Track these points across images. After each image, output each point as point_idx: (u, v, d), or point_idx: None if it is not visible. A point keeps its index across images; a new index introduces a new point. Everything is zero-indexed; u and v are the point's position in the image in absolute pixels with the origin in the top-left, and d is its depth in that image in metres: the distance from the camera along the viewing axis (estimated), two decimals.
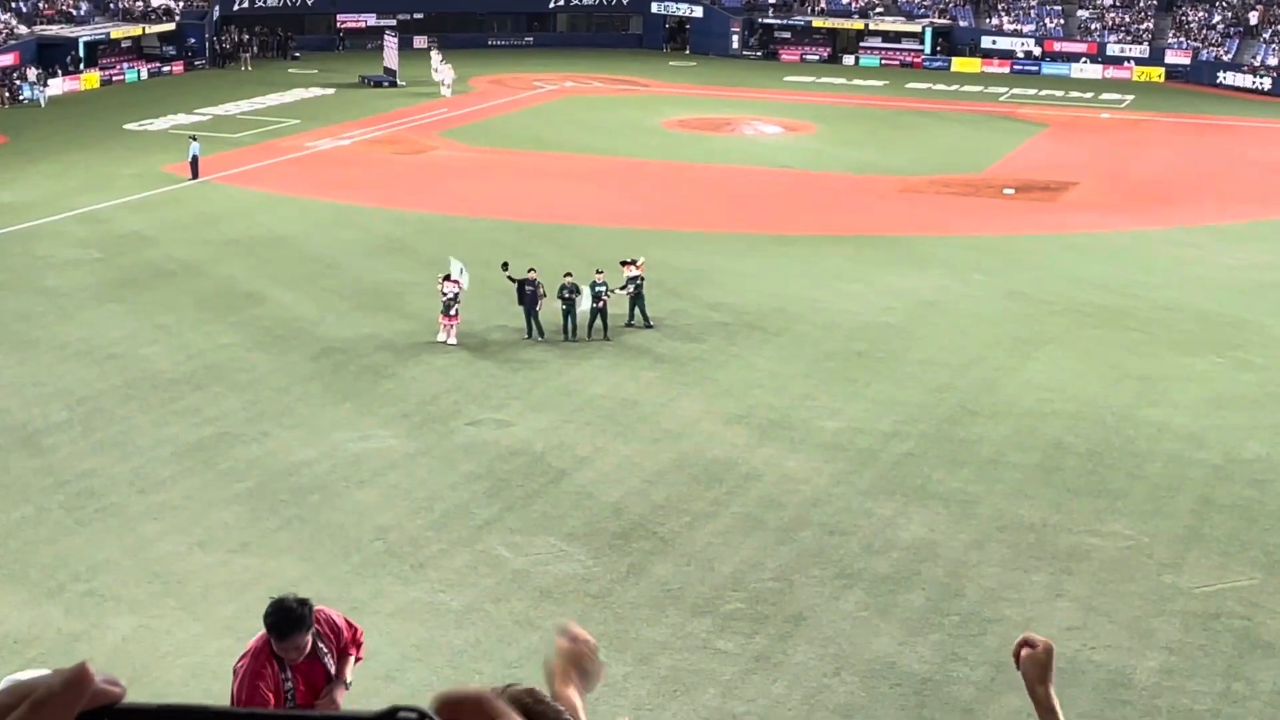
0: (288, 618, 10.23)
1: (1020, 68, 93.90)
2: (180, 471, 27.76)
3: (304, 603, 10.32)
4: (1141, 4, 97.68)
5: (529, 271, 36.52)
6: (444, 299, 35.79)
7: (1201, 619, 22.67)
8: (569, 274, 36.86)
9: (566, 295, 36.38)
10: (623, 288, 37.26)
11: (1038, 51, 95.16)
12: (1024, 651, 4.74)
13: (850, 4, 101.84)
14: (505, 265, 36.93)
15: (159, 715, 1.43)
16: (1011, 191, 56.99)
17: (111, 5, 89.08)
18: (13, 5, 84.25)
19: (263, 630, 10.44)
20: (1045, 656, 4.71)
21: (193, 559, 24.09)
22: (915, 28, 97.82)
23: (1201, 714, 20.06)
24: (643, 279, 37.48)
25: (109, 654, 20.80)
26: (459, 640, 21.59)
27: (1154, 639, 22.01)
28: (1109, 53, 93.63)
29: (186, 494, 26.71)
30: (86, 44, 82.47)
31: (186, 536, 24.91)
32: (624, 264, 37.75)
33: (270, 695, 10.18)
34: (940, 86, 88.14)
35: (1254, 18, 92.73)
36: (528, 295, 36.28)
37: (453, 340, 35.58)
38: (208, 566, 23.81)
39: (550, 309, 36.47)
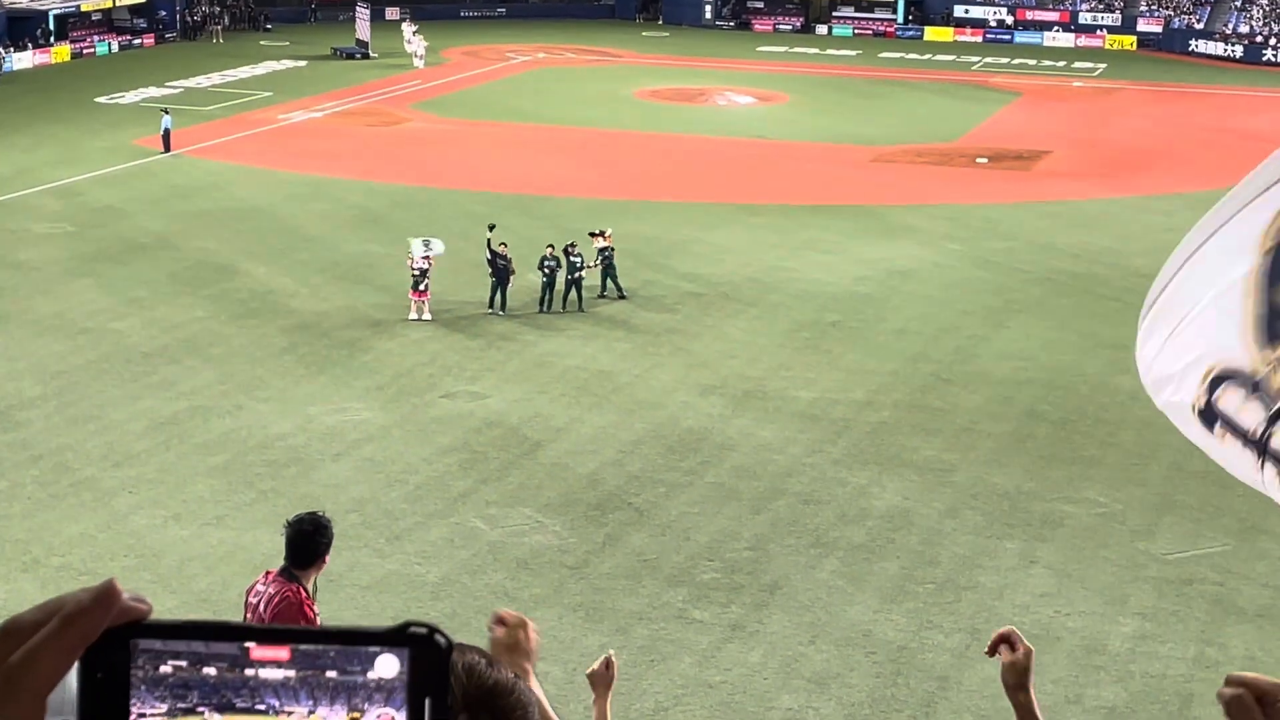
0: (324, 533, 9.81)
1: (993, 36, 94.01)
2: (154, 445, 27.72)
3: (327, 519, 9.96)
4: None
5: (501, 245, 36.42)
6: (413, 274, 35.71)
7: (1174, 585, 22.81)
8: (550, 245, 36.82)
9: (548, 267, 36.37)
10: (595, 263, 37.26)
11: (1010, 20, 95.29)
12: (1004, 655, 4.66)
13: None
14: (492, 227, 36.77)
15: (183, 630, 1.46)
16: (985, 160, 57.07)
17: None
18: None
19: (268, 573, 10.07)
20: (1025, 660, 4.64)
21: (168, 532, 24.07)
22: None
23: (1175, 679, 20.19)
24: (612, 250, 37.50)
25: None
26: (436, 612, 21.60)
27: (1127, 605, 22.14)
28: (1081, 21, 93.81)
29: (161, 467, 26.68)
30: (56, 17, 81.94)
31: (161, 510, 24.88)
32: (593, 235, 37.76)
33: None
34: (913, 56, 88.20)
35: None
36: (499, 268, 36.21)
37: (426, 315, 35.51)
38: (183, 539, 23.80)
39: (528, 281, 36.44)
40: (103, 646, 1.43)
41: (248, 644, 1.46)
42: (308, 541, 9.93)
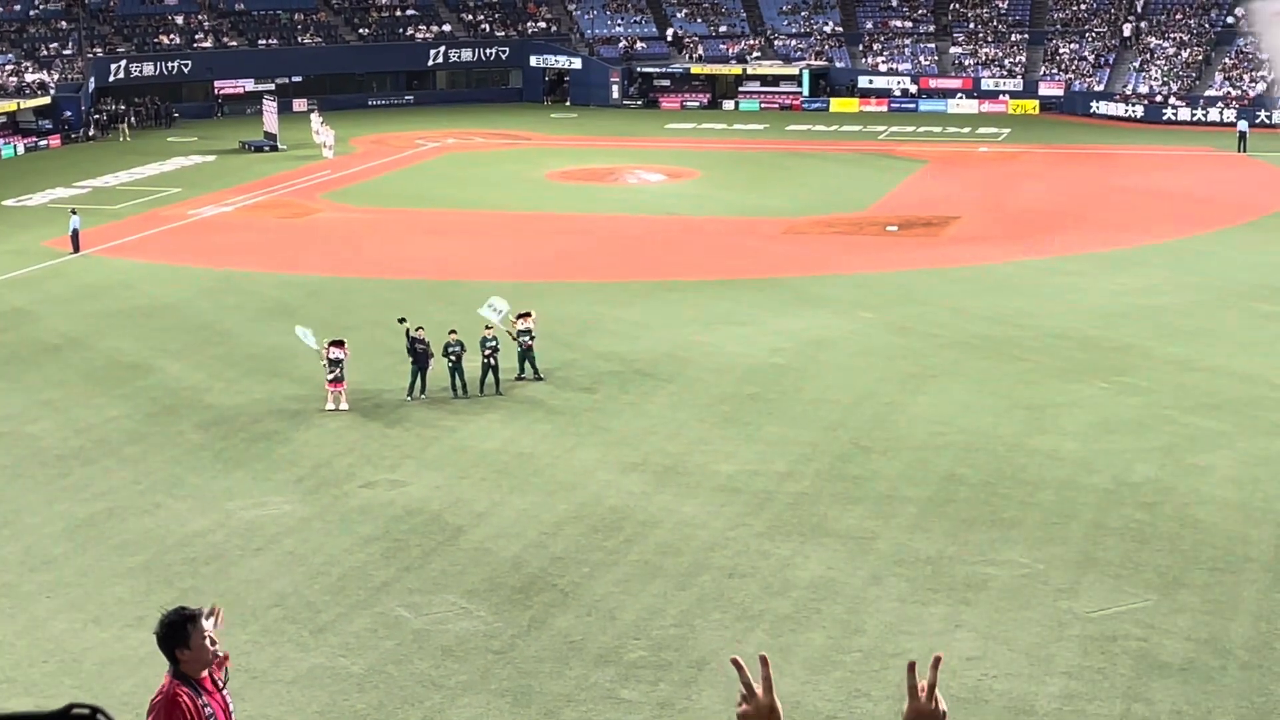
0: (184, 614, 9.82)
1: (898, 106, 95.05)
2: (72, 548, 27.40)
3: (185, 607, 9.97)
4: (1014, 38, 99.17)
5: (418, 329, 36.39)
6: (328, 367, 35.55)
7: (1099, 642, 22.92)
8: (453, 331, 36.77)
9: (453, 353, 36.31)
10: (519, 334, 37.15)
11: (914, 89, 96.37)
12: (916, 701, 4.73)
13: (727, 50, 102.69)
14: (403, 320, 36.86)
15: None
16: (895, 228, 57.59)
17: None
18: None
19: (166, 674, 10.00)
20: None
21: (88, 636, 23.76)
22: (793, 70, 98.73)
23: None
24: (534, 332, 37.50)
25: None
26: (362, 704, 21.42)
27: (1053, 664, 22.22)
28: (984, 87, 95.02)
29: (79, 570, 26.37)
30: None
31: (81, 613, 24.58)
32: (517, 317, 37.73)
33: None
34: (820, 127, 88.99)
35: (1127, 29, 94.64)
36: (418, 353, 36.15)
37: (344, 406, 35.38)
38: (103, 642, 23.49)
39: (438, 368, 36.35)
40: None
41: None
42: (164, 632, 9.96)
